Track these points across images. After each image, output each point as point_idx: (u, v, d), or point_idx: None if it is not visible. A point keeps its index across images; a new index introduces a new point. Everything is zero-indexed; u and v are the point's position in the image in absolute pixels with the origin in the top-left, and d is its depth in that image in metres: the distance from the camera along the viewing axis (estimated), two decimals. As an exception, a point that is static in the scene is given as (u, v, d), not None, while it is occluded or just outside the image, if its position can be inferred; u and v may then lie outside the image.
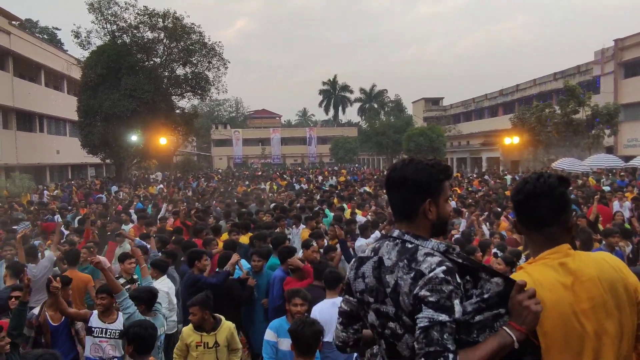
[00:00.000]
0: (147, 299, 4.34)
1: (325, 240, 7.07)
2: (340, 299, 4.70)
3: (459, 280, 1.58)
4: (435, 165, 1.76)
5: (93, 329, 4.35)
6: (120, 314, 4.29)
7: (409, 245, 1.70)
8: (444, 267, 1.57)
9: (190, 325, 4.31)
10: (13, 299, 4.54)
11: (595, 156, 22.08)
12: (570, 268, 1.69)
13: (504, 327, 1.56)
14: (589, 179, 17.27)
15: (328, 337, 4.62)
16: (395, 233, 1.79)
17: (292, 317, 4.11)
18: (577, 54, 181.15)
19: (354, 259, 1.95)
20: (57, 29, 47.00)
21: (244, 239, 7.56)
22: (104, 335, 4.32)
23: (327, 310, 4.35)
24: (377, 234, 7.28)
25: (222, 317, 4.43)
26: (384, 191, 13.58)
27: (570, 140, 25.82)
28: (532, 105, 29.13)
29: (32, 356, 2.96)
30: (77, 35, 26.77)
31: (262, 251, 6.08)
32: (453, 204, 10.65)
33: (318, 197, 14.19)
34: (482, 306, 1.59)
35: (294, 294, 4.28)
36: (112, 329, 4.34)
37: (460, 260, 1.64)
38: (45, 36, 41.31)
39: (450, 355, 1.47)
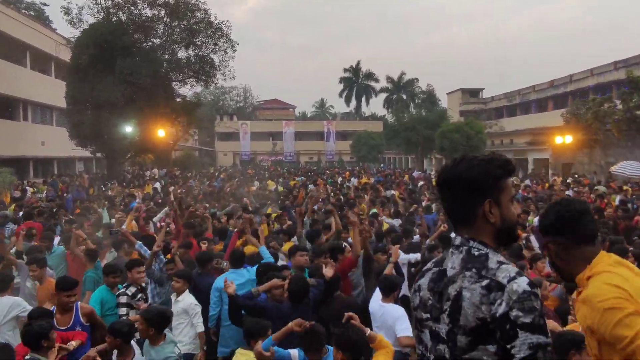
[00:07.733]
0: (157, 322, 4.48)
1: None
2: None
3: None
4: (492, 160, 1.77)
5: None
6: (137, 355, 4.35)
7: (476, 253, 1.72)
8: (525, 279, 1.59)
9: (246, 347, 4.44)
10: None
11: (664, 160, 21.52)
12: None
13: None
14: None
15: None
16: (458, 240, 1.80)
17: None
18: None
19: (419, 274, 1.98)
20: (44, 4, 47.91)
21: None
22: None
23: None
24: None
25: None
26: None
27: (632, 141, 25.27)
28: (588, 99, 28.76)
29: None
30: (67, 12, 26.94)
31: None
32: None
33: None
34: None
35: None
36: None
37: None
38: (31, 13, 41.99)
39: None
